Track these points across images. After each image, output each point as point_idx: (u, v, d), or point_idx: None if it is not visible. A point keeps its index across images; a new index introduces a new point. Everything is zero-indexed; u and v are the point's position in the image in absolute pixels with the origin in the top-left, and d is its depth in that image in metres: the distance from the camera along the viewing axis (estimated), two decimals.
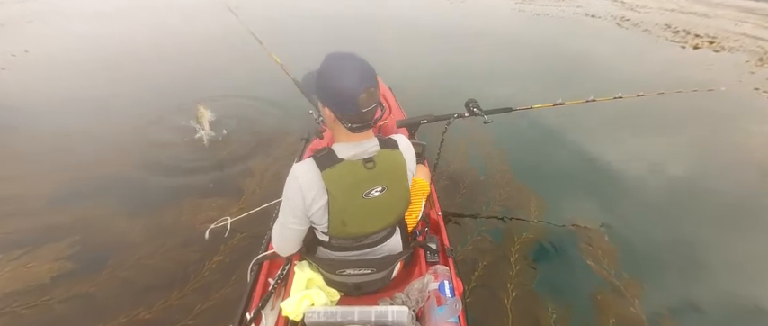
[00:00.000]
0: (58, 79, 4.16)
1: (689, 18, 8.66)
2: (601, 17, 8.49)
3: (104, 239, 2.06)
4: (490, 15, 8.28)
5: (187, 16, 6.95)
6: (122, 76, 4.22)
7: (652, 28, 7.62)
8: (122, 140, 2.98)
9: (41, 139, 3.00)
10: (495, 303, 1.78)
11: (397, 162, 1.05)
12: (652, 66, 5.28)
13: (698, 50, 6.24)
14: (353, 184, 0.98)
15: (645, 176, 2.85)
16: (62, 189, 2.42)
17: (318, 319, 1.07)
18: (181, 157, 2.78)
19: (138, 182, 2.52)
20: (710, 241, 2.30)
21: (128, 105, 3.52)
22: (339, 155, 0.97)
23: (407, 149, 1.10)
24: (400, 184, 1.07)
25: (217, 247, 1.95)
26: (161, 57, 4.87)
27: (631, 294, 1.87)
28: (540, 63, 5.25)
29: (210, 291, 1.76)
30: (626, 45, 6.46)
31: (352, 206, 0.99)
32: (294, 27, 6.41)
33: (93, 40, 5.43)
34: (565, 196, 2.56)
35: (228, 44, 5.35)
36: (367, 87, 0.89)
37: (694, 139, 3.41)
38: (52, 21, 6.28)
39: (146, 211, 2.25)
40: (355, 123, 0.95)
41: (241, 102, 3.63)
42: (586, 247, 2.14)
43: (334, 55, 0.94)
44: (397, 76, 3.84)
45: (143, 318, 1.64)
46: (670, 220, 2.45)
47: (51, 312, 1.67)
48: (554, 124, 3.35)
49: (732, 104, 4.08)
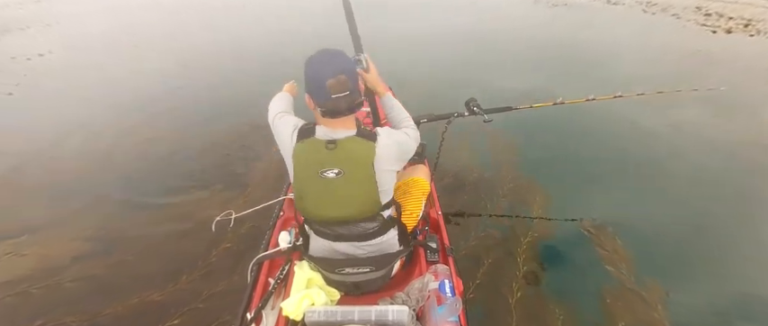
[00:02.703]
0: (83, 69, 4.41)
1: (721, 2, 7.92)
2: (624, 3, 8.09)
3: (116, 225, 2.18)
4: (506, 7, 8.12)
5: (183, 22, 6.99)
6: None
7: (681, 12, 7.15)
8: (138, 133, 3.14)
9: (62, 127, 3.22)
10: (500, 302, 1.77)
11: (361, 150, 1.05)
12: (679, 61, 5.00)
13: (731, 35, 5.79)
14: (311, 160, 1.05)
15: (656, 172, 2.79)
16: (77, 177, 2.60)
17: (318, 318, 1.07)
18: (191, 152, 2.90)
19: (150, 174, 2.64)
20: (728, 237, 2.24)
21: (147, 100, 3.72)
22: (316, 134, 1.06)
23: (388, 145, 1.07)
24: (359, 172, 1.05)
25: (222, 238, 2.01)
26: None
27: (645, 297, 1.83)
28: (558, 58, 5.08)
29: (218, 278, 1.84)
30: (651, 35, 6.08)
31: (308, 182, 1.07)
32: (292, 25, 6.42)
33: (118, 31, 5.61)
34: (572, 194, 2.52)
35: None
36: (337, 74, 1.00)
37: (708, 133, 3.33)
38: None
39: (156, 202, 2.36)
40: (325, 108, 1.03)
41: (244, 98, 3.69)
42: (595, 246, 2.10)
43: (318, 51, 1.07)
44: (399, 76, 3.83)
45: (154, 299, 1.73)
46: (682, 217, 2.38)
47: (64, 291, 1.78)
48: (558, 121, 3.32)
49: (738, 101, 3.99)
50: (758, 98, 4.02)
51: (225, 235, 2.01)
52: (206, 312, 1.68)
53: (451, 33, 6.11)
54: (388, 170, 1.10)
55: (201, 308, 1.70)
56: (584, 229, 2.23)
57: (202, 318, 1.66)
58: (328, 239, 1.15)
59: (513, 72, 4.61)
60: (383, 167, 1.07)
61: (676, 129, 3.39)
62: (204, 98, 3.82)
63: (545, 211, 2.35)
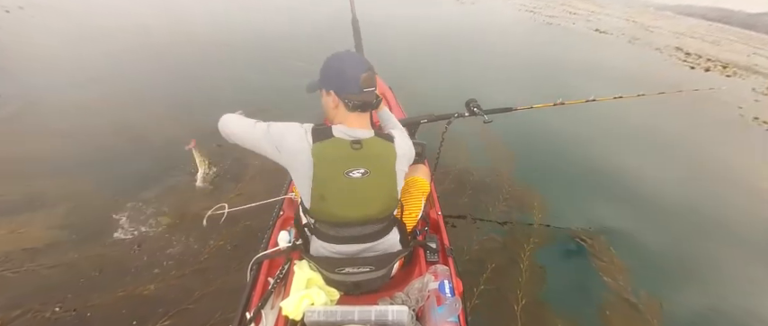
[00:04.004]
0: (73, 48, 4.24)
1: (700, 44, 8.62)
2: (612, 33, 8.40)
3: (99, 213, 2.04)
4: (498, 24, 8.21)
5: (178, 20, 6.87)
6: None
7: (663, 48, 7.55)
8: (128, 115, 3.00)
9: (49, 103, 3.03)
10: (505, 309, 1.77)
11: (386, 151, 1.09)
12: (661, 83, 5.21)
13: (709, 73, 6.18)
14: (337, 158, 1.04)
15: (659, 177, 2.80)
16: (62, 157, 2.43)
17: (318, 318, 1.06)
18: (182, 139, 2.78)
19: (137, 160, 2.49)
20: (721, 248, 2.25)
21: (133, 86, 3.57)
22: (334, 133, 1.05)
23: (403, 147, 1.13)
24: (384, 172, 1.08)
25: (214, 233, 1.94)
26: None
27: (646, 308, 1.83)
28: (541, 76, 5.19)
29: (212, 275, 1.77)
30: (636, 64, 6.38)
31: (333, 182, 1.04)
32: (293, 28, 6.36)
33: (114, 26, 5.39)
34: (572, 195, 2.53)
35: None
36: (367, 69, 1.05)
37: (707, 138, 3.38)
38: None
39: (144, 191, 2.22)
40: (357, 101, 1.05)
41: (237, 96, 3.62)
42: (593, 250, 2.10)
43: (336, 53, 1.10)
44: (398, 77, 3.83)
45: (141, 294, 1.65)
46: (683, 226, 2.39)
47: (41, 277, 1.66)
48: (558, 125, 3.34)
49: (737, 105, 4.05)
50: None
51: (217, 231, 1.92)
52: (197, 313, 1.61)
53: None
54: (403, 171, 1.15)
55: (192, 309, 1.63)
56: (582, 233, 2.24)
57: (194, 318, 1.59)
58: (334, 242, 1.13)
59: (508, 80, 4.66)
60: (401, 167, 1.12)
61: (677, 129, 3.43)
62: (197, 88, 3.70)
63: (545, 215, 2.35)
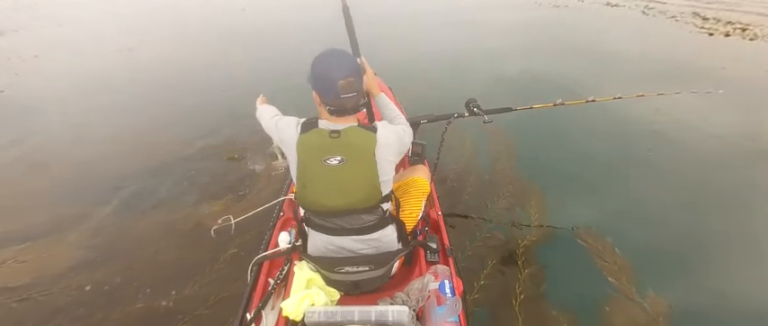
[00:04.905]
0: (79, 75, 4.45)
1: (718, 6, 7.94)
2: (624, 6, 8.10)
3: (115, 234, 2.19)
4: (506, 8, 8.15)
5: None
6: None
7: (679, 15, 7.13)
8: (140, 141, 3.16)
9: (63, 131, 3.27)
10: (504, 304, 1.76)
11: (363, 138, 1.10)
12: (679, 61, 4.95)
13: (729, 38, 5.78)
14: (315, 147, 1.09)
15: (662, 176, 2.76)
16: (78, 184, 2.62)
17: (318, 319, 1.07)
18: (191, 158, 2.91)
19: (152, 182, 2.64)
20: (723, 239, 2.21)
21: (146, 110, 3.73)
22: (319, 126, 1.11)
23: (387, 135, 1.12)
24: (362, 160, 1.09)
25: (227, 244, 2.02)
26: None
27: (646, 302, 1.81)
28: (559, 59, 5.09)
29: (223, 284, 1.85)
30: (652, 37, 6.09)
31: (312, 170, 1.10)
32: (296, 21, 6.45)
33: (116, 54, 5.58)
34: (572, 196, 2.49)
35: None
36: (346, 76, 1.07)
37: (709, 136, 3.31)
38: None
39: (157, 209, 2.38)
40: (333, 107, 1.10)
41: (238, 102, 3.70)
42: (593, 250, 2.08)
43: (325, 50, 1.13)
44: (398, 76, 3.84)
45: (159, 305, 1.75)
46: (686, 224, 2.34)
47: (68, 297, 1.80)
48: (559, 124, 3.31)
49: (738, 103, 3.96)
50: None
51: (229, 240, 2.01)
52: (212, 318, 1.69)
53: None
54: (388, 160, 1.14)
55: (207, 314, 1.70)
56: (582, 233, 2.21)
57: (208, 324, 1.67)
58: (327, 233, 1.16)
59: (516, 69, 4.63)
60: (383, 156, 1.11)
61: (677, 130, 3.37)
62: (201, 104, 3.82)
63: (545, 214, 2.33)
